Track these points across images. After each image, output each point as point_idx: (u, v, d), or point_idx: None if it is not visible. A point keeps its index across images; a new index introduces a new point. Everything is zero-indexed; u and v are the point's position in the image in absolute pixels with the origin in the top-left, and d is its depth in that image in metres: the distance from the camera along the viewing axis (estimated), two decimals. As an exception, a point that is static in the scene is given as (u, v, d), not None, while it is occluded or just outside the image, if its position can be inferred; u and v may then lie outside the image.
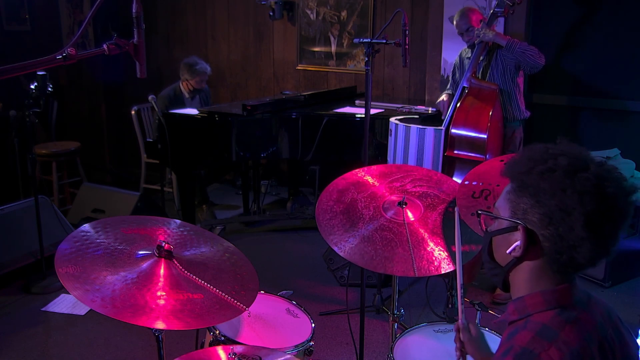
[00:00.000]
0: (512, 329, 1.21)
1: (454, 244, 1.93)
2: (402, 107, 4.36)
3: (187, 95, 4.94)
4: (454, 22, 3.79)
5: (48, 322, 3.43)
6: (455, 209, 1.77)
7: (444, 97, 3.92)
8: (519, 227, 1.19)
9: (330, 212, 2.01)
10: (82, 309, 3.50)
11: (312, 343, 1.97)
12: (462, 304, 1.56)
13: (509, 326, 1.24)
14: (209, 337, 1.95)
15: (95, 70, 6.27)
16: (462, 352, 1.50)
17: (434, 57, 4.80)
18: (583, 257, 1.15)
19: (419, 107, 4.35)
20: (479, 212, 1.35)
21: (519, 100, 3.69)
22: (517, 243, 1.21)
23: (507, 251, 1.23)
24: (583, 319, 1.17)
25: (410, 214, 2.01)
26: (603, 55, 4.29)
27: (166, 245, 1.71)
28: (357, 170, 2.21)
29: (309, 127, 4.14)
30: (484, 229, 1.33)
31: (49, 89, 3.61)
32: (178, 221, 2.00)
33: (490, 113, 3.46)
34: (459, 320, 1.53)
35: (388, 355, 1.97)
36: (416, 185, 2.14)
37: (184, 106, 4.83)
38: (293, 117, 4.15)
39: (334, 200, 2.06)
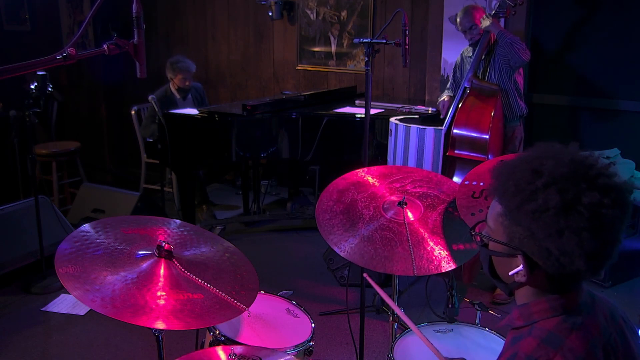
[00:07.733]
0: (516, 334, 1.19)
1: (455, 243, 1.94)
2: (402, 107, 4.36)
3: (177, 95, 4.92)
4: (457, 20, 3.79)
5: (48, 322, 3.43)
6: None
7: (444, 97, 3.92)
8: (519, 255, 1.16)
9: (330, 212, 2.01)
10: (82, 309, 3.50)
11: (312, 343, 1.97)
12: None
13: (512, 330, 1.23)
14: (209, 337, 1.95)
15: (95, 70, 6.27)
16: None
17: (434, 57, 4.80)
18: (589, 275, 1.15)
19: (419, 107, 4.35)
20: (473, 233, 1.30)
21: (516, 98, 3.70)
22: (520, 269, 1.18)
23: (509, 273, 1.20)
24: (588, 324, 1.16)
25: (410, 214, 2.01)
26: (603, 55, 4.28)
27: (166, 245, 1.71)
28: (357, 170, 2.21)
29: (309, 127, 4.14)
30: (480, 244, 1.29)
31: (49, 89, 3.61)
32: (178, 221, 1.99)
33: (492, 113, 3.46)
34: None
35: (388, 355, 1.97)
36: (416, 186, 2.14)
37: (176, 107, 4.79)
38: (293, 117, 4.15)
39: (334, 200, 2.06)
